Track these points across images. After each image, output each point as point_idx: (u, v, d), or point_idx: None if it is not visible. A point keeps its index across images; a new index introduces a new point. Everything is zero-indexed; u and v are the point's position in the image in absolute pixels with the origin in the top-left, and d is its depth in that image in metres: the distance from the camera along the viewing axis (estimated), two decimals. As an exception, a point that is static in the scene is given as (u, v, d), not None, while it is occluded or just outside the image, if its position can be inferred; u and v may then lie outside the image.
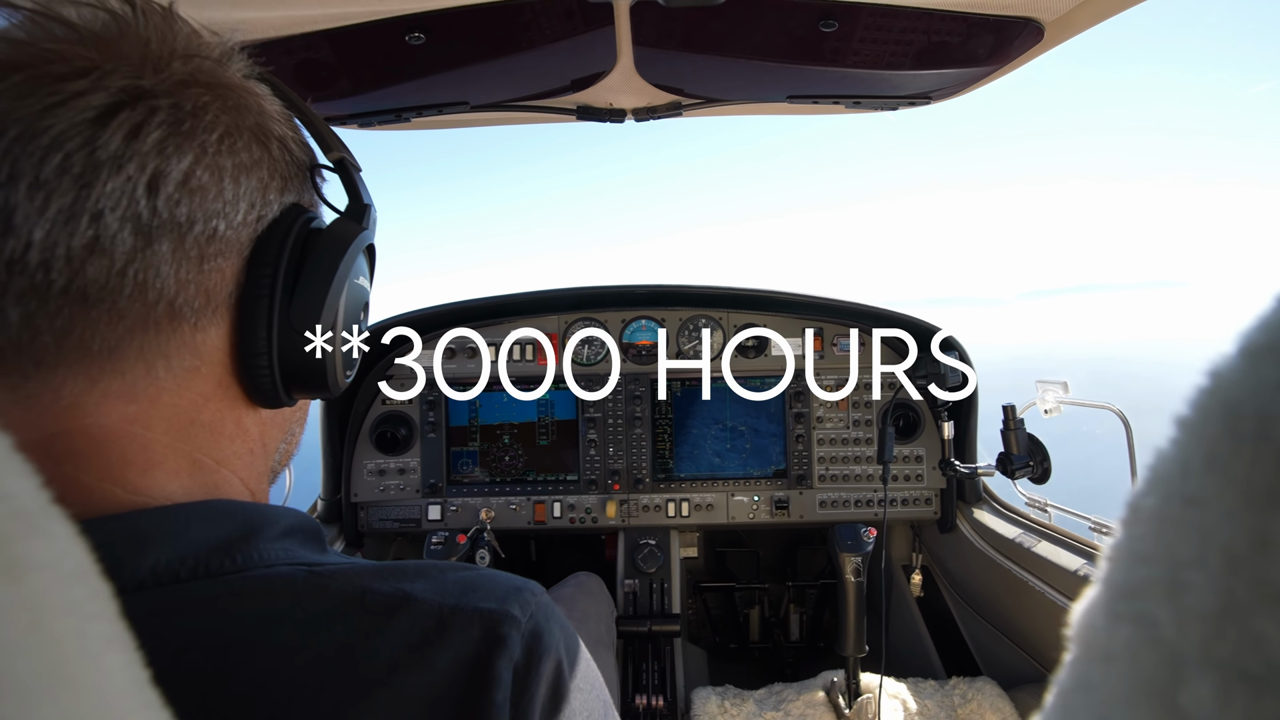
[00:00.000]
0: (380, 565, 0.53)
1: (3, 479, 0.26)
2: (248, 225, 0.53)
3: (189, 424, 0.52)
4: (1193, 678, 0.20)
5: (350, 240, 0.59)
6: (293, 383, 0.57)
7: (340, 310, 0.58)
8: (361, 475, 2.12)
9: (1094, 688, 0.24)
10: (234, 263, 0.52)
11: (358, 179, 0.63)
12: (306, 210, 0.58)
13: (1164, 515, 0.22)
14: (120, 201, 0.45)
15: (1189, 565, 0.21)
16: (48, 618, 0.25)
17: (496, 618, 0.50)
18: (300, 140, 0.59)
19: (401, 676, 0.46)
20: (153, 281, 0.47)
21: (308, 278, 0.56)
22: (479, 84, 1.49)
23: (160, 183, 0.46)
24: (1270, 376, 0.20)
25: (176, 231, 0.48)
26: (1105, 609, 0.24)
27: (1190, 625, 0.20)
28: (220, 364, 0.54)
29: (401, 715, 0.45)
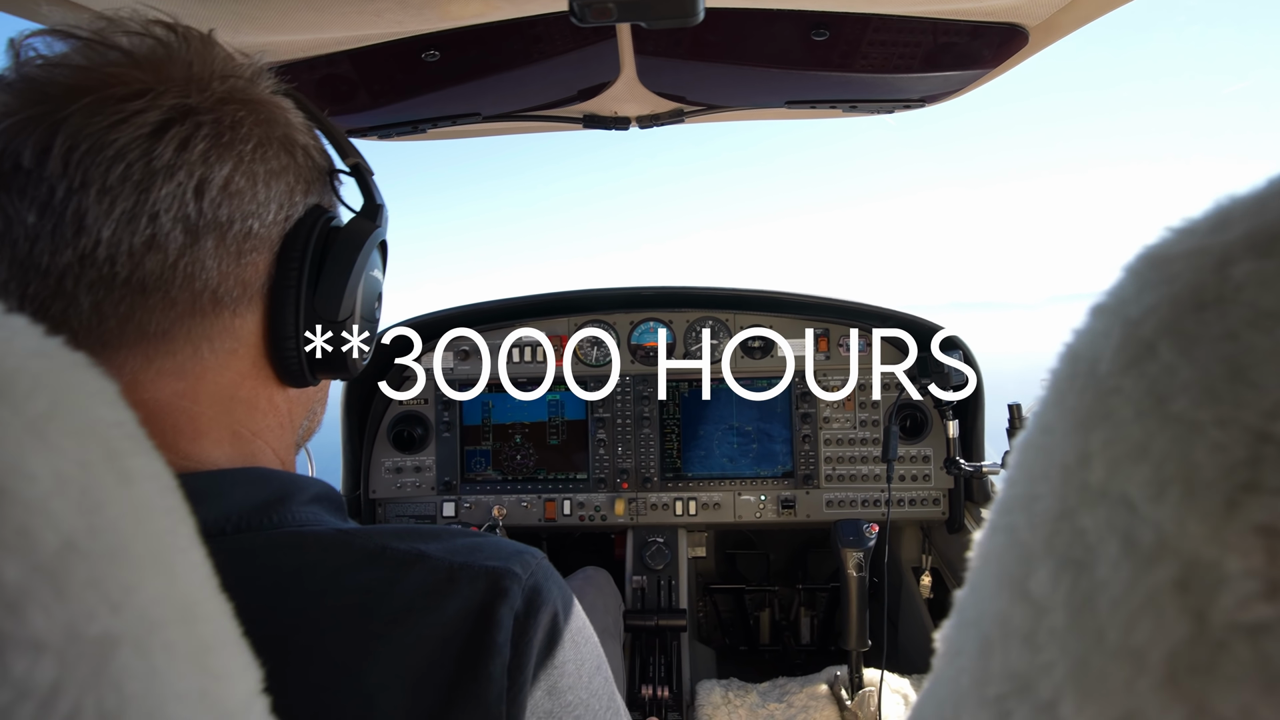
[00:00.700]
0: (398, 527, 0.60)
1: (117, 409, 0.32)
2: (277, 224, 0.60)
3: (229, 399, 0.60)
4: (1037, 568, 0.25)
5: (366, 237, 0.66)
6: (317, 364, 0.65)
7: (358, 299, 0.66)
8: (379, 473, 2.20)
9: (976, 588, 0.29)
10: (266, 257, 0.60)
11: (371, 182, 0.71)
12: (327, 210, 0.66)
13: (1029, 444, 0.28)
14: (173, 204, 0.53)
15: (1039, 479, 0.26)
16: (152, 517, 0.31)
17: (500, 573, 0.57)
18: (320, 148, 0.67)
19: (416, 619, 0.53)
20: (199, 273, 0.55)
21: (329, 270, 0.64)
22: (490, 96, 1.57)
23: (205, 188, 0.54)
24: (1098, 327, 0.26)
25: (219, 230, 0.56)
26: (987, 525, 0.30)
27: (1038, 527, 0.25)
28: (255, 346, 0.62)
29: (416, 650, 0.52)
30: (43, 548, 0.25)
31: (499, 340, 2.21)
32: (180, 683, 0.29)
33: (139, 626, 0.28)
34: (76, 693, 0.25)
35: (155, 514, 0.31)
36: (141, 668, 0.27)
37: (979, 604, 0.29)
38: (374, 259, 0.69)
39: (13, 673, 0.24)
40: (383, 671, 0.51)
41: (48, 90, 0.51)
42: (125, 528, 0.29)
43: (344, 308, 0.64)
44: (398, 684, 0.51)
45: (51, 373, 0.29)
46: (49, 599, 0.25)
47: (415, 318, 2.14)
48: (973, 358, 1.99)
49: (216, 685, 0.31)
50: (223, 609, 0.34)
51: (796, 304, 2.17)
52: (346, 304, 0.65)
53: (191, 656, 0.30)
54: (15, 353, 0.28)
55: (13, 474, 0.25)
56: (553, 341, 2.22)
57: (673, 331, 2.22)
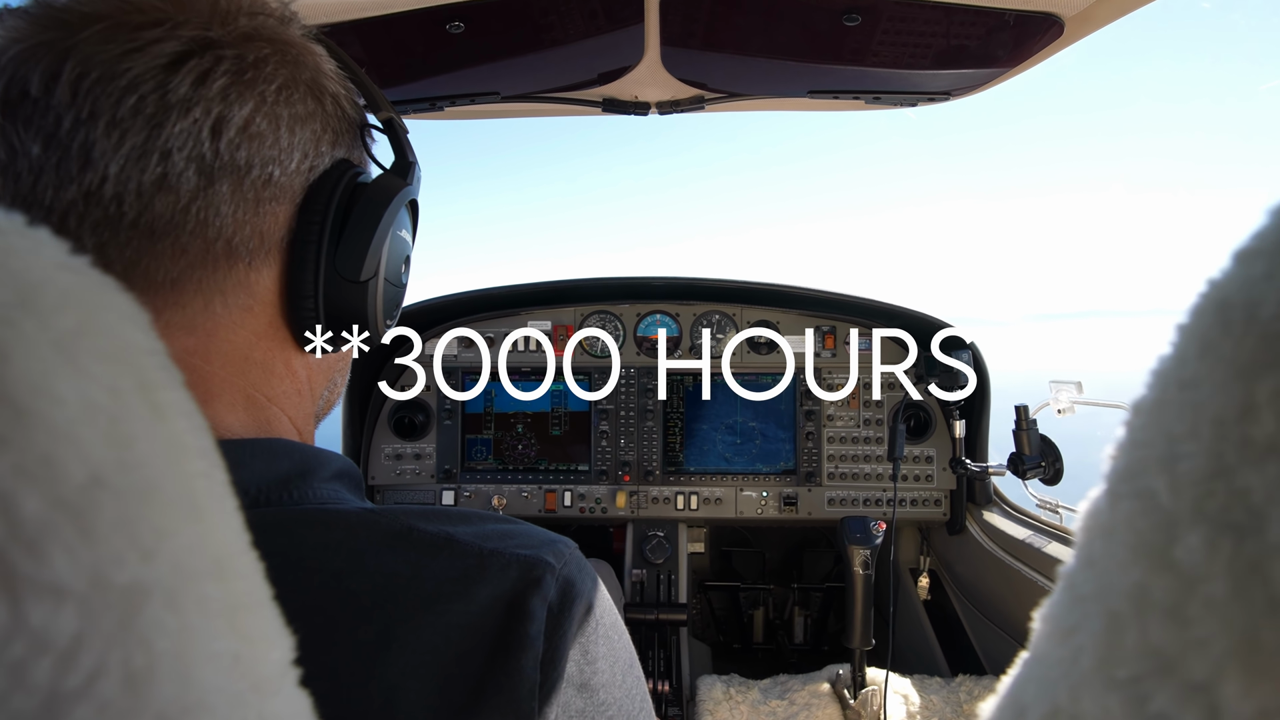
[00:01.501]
0: (425, 508, 0.56)
1: (150, 337, 0.29)
2: (300, 174, 0.56)
3: (243, 360, 0.56)
4: (1184, 534, 0.22)
5: (395, 193, 0.62)
6: (342, 327, 0.61)
7: (383, 259, 0.62)
8: (379, 459, 2.16)
9: (1096, 561, 0.27)
10: (287, 208, 0.56)
11: (405, 139, 0.67)
12: (355, 165, 0.62)
13: (1161, 402, 0.26)
14: (187, 142, 0.49)
15: (1183, 438, 0.24)
16: (186, 457, 0.28)
17: (532, 562, 0.53)
18: (352, 101, 0.63)
19: (444, 605, 0.50)
20: (213, 220, 0.51)
21: (353, 225, 0.59)
22: (511, 75, 1.54)
23: (223, 127, 0.50)
24: (1256, 271, 0.24)
25: (236, 174, 0.51)
26: (1107, 494, 0.27)
27: (1183, 489, 0.23)
28: (271, 304, 0.57)
29: (443, 639, 0.49)
30: (68, 480, 0.23)
31: (504, 329, 2.18)
32: (213, 643, 0.26)
33: (172, 577, 0.25)
34: (101, 647, 0.22)
35: (189, 455, 0.28)
36: (173, 623, 0.25)
37: (1101, 577, 0.26)
38: (402, 219, 0.65)
39: (30, 621, 0.21)
40: (407, 660, 0.48)
41: (63, 16, 0.48)
42: (158, 466, 0.26)
43: (367, 267, 0.60)
44: (423, 674, 0.48)
45: (81, 289, 0.26)
46: (73, 539, 0.22)
47: (420, 302, 2.10)
48: (980, 357, 1.99)
49: (250, 649, 0.28)
50: (256, 567, 0.31)
51: (804, 298, 2.16)
52: (370, 263, 0.60)
53: (225, 615, 0.27)
54: (41, 264, 0.25)
55: (38, 394, 0.23)
56: (558, 331, 2.20)
57: (678, 325, 2.20)
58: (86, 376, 0.24)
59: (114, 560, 0.23)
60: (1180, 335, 0.26)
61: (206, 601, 0.27)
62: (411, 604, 0.49)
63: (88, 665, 0.22)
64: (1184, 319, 0.26)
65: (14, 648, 0.21)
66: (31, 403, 0.22)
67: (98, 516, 0.23)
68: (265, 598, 0.31)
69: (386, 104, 0.65)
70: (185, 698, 0.25)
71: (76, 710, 0.22)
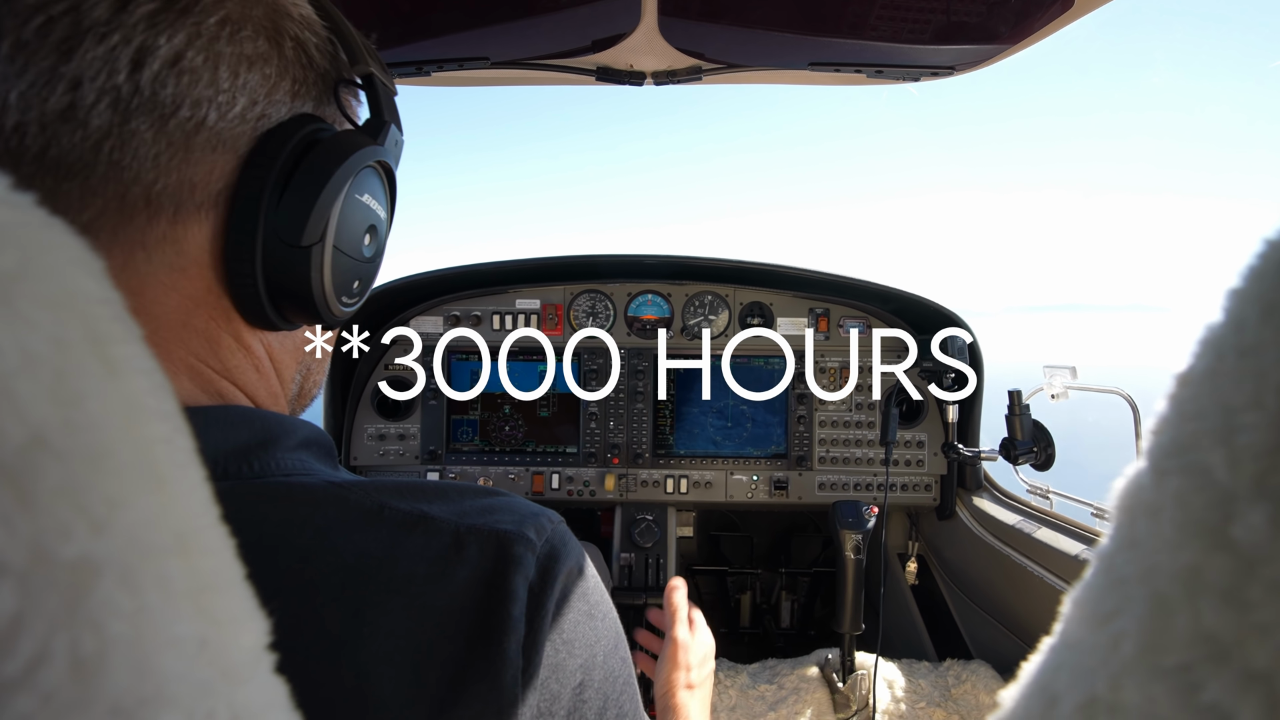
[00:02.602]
0: (399, 483, 0.52)
1: (103, 285, 0.26)
2: (247, 122, 0.50)
3: (180, 327, 0.50)
4: (1245, 511, 0.20)
5: (352, 150, 0.54)
6: (281, 299, 0.54)
7: (332, 223, 0.54)
8: (361, 440, 2.11)
9: (1140, 542, 0.25)
10: (228, 160, 0.50)
11: (384, 96, 0.60)
12: (323, 122, 0.55)
13: (1217, 371, 0.23)
14: (100, 72, 0.44)
15: (1244, 409, 0.22)
16: (143, 419, 0.25)
17: (512, 538, 0.50)
18: (327, 50, 0.57)
19: (420, 587, 0.46)
20: (129, 162, 0.46)
21: (298, 182, 0.52)
22: (501, 40, 1.48)
23: (146, 59, 0.45)
24: None
25: (158, 113, 0.46)
26: (1151, 470, 0.25)
27: (1243, 464, 0.21)
28: (208, 267, 0.51)
29: (420, 623, 0.45)
30: (4, 441, 0.20)
31: (490, 307, 2.14)
32: (176, 626, 0.24)
33: (127, 552, 0.22)
34: (44, 630, 0.20)
35: (148, 417, 0.25)
36: (128, 604, 0.22)
37: (1146, 558, 0.24)
38: (367, 182, 0.57)
39: None
40: (379, 646, 0.44)
41: None
42: (111, 428, 0.23)
43: (310, 229, 0.52)
44: (397, 660, 0.44)
45: (22, 227, 0.23)
46: (10, 507, 0.20)
47: (406, 278, 2.04)
48: (975, 343, 1.97)
49: (218, 633, 0.26)
50: (226, 543, 0.28)
51: (798, 279, 2.13)
52: (314, 225, 0.52)
53: (190, 596, 0.25)
54: None
55: None
56: (547, 310, 2.15)
57: (670, 305, 2.16)
58: (26, 324, 0.21)
59: (58, 532, 0.21)
60: (1235, 300, 0.23)
61: (168, 580, 0.24)
62: (384, 586, 0.45)
63: (28, 650, 0.20)
64: (1239, 282, 0.24)
65: None
66: None
67: (39, 482, 0.20)
68: (236, 577, 0.28)
69: (367, 57, 0.58)
70: (142, 687, 0.22)
71: (16, 701, 0.20)
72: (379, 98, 0.59)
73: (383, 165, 0.59)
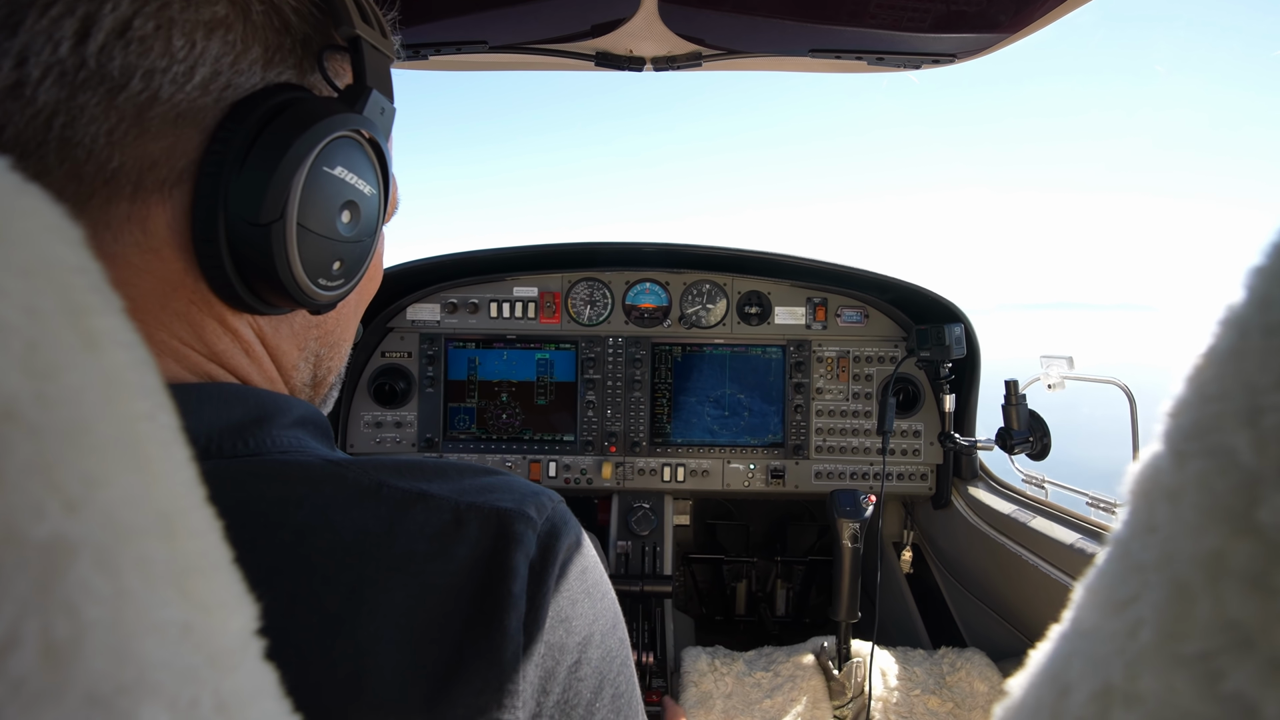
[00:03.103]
0: (396, 460, 0.51)
1: (80, 253, 0.25)
2: (209, 94, 0.47)
3: (159, 309, 0.49)
4: (1271, 494, 0.20)
5: (319, 118, 0.50)
6: (252, 281, 0.51)
7: (293, 199, 0.50)
8: (358, 427, 2.10)
9: (1158, 527, 0.24)
10: (192, 135, 0.47)
11: (370, 60, 0.55)
12: (302, 90, 0.52)
13: (1241, 350, 0.23)
14: (44, 47, 0.42)
15: (1270, 389, 0.21)
16: (125, 395, 0.24)
17: (512, 516, 0.49)
18: (309, 13, 0.53)
19: (420, 565, 0.45)
20: (80, 139, 0.44)
21: (255, 156, 0.48)
22: (500, 23, 1.46)
23: (91, 29, 0.43)
24: None
25: (107, 86, 0.44)
26: (1170, 453, 0.24)
27: (1270, 446, 0.20)
28: (179, 248, 0.49)
29: (421, 601, 0.45)
30: None
31: (488, 295, 2.13)
32: (158, 611, 0.23)
33: (104, 533, 0.22)
34: (14, 614, 0.19)
35: (129, 392, 0.24)
36: (106, 588, 0.21)
37: (1166, 543, 0.23)
38: (341, 153, 0.53)
39: None
40: (378, 625, 0.43)
41: None
42: (89, 403, 0.22)
43: (268, 206, 0.48)
44: (396, 637, 0.43)
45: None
46: None
47: (403, 264, 2.03)
48: (973, 333, 1.98)
49: (204, 618, 0.25)
50: (211, 524, 0.27)
51: (796, 268, 2.13)
52: (272, 200, 0.48)
53: (173, 579, 0.24)
54: None
55: None
56: (544, 298, 2.14)
57: (668, 293, 2.16)
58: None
59: (29, 510, 0.20)
60: (1259, 277, 0.23)
61: (149, 563, 0.23)
62: (383, 564, 0.45)
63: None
64: (1261, 260, 0.23)
65: None
66: None
67: (7, 457, 0.20)
68: (223, 559, 0.27)
69: (355, 19, 0.53)
70: (121, 674, 0.21)
71: None
72: (363, 62, 0.55)
73: (363, 135, 0.55)
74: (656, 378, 2.16)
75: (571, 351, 2.15)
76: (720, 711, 1.65)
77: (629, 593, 1.93)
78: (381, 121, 0.56)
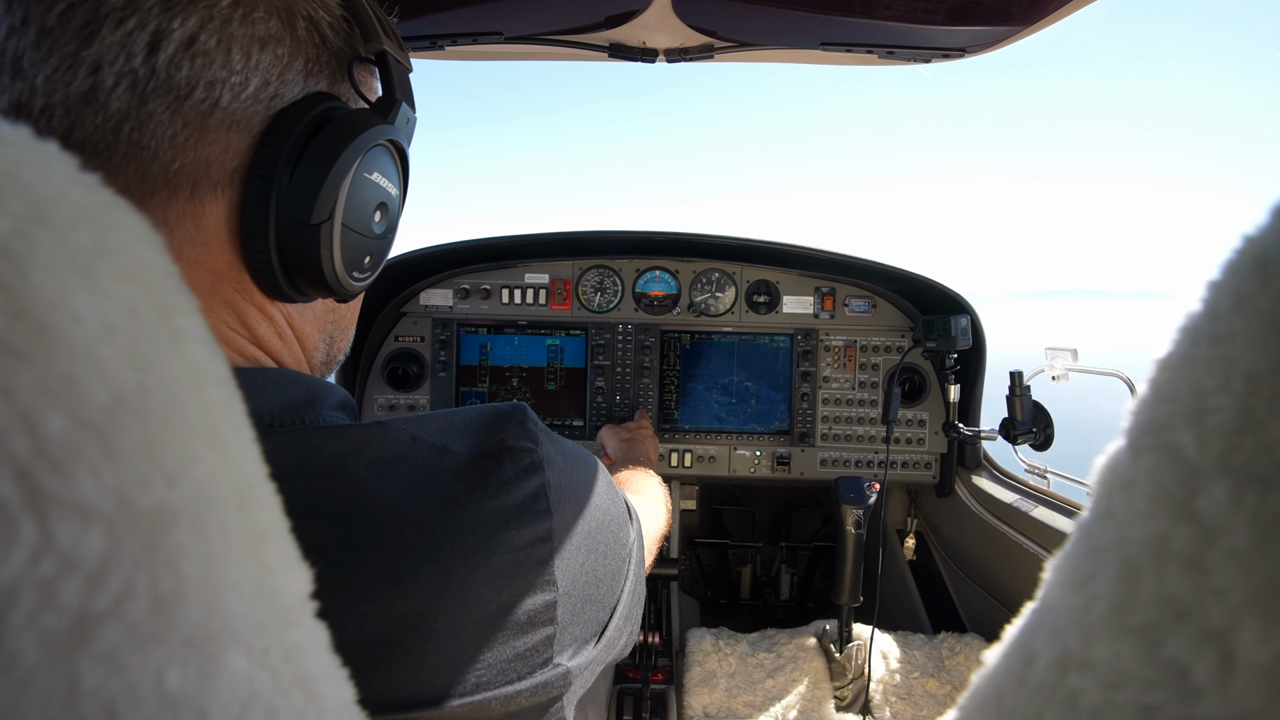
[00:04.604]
0: (416, 416, 0.58)
1: (165, 259, 0.28)
2: (260, 101, 0.52)
3: (209, 298, 0.54)
4: (1209, 486, 0.22)
5: (362, 129, 0.55)
6: (295, 274, 0.56)
7: (341, 202, 0.56)
8: (372, 410, 2.15)
9: (1115, 513, 0.27)
10: (242, 138, 0.52)
11: (396, 75, 0.61)
12: (337, 100, 0.57)
13: (1191, 357, 0.25)
14: (119, 56, 0.46)
15: (1213, 393, 0.23)
16: (206, 384, 0.27)
17: (519, 451, 0.57)
18: (341, 27, 0.58)
19: (464, 498, 0.53)
20: (147, 142, 0.48)
21: (308, 161, 0.53)
22: (515, 14, 1.48)
23: (162, 42, 0.47)
24: None
25: (174, 95, 0.48)
26: (1129, 448, 0.27)
27: (1210, 443, 0.23)
28: (228, 242, 0.54)
29: (472, 528, 0.52)
30: (91, 401, 0.22)
31: (499, 281, 2.16)
32: (236, 571, 0.26)
33: (195, 503, 0.25)
34: (129, 569, 0.22)
35: (209, 381, 0.28)
36: (198, 549, 0.25)
37: (1120, 528, 0.26)
38: (377, 160, 0.59)
39: (58, 540, 0.21)
40: (450, 547, 0.51)
41: None
42: (178, 391, 0.25)
43: (319, 208, 0.54)
44: (449, 573, 0.50)
45: (95, 207, 0.25)
46: (98, 460, 0.22)
47: (416, 250, 2.06)
48: (978, 323, 1.99)
49: (271, 579, 0.28)
50: (275, 498, 0.31)
51: (805, 258, 2.15)
52: (323, 204, 0.54)
53: (247, 545, 0.27)
54: (52, 179, 0.24)
55: (57, 311, 0.22)
56: (555, 285, 2.17)
57: (678, 281, 2.19)
58: (105, 296, 0.24)
59: (138, 483, 0.23)
60: (1213, 291, 0.25)
61: (229, 529, 0.26)
62: (435, 501, 0.52)
63: (115, 587, 0.22)
64: (1217, 275, 0.25)
65: (43, 566, 0.21)
66: (51, 319, 0.22)
67: (121, 438, 0.23)
68: (284, 529, 0.31)
69: (380, 35, 0.59)
70: (211, 623, 0.25)
71: (105, 631, 0.22)
72: (391, 75, 0.60)
73: (394, 143, 0.61)
74: (665, 364, 2.19)
75: (581, 338, 2.18)
76: (724, 690, 1.70)
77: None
78: (407, 130, 0.62)
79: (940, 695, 1.69)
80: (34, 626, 0.21)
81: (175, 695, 0.23)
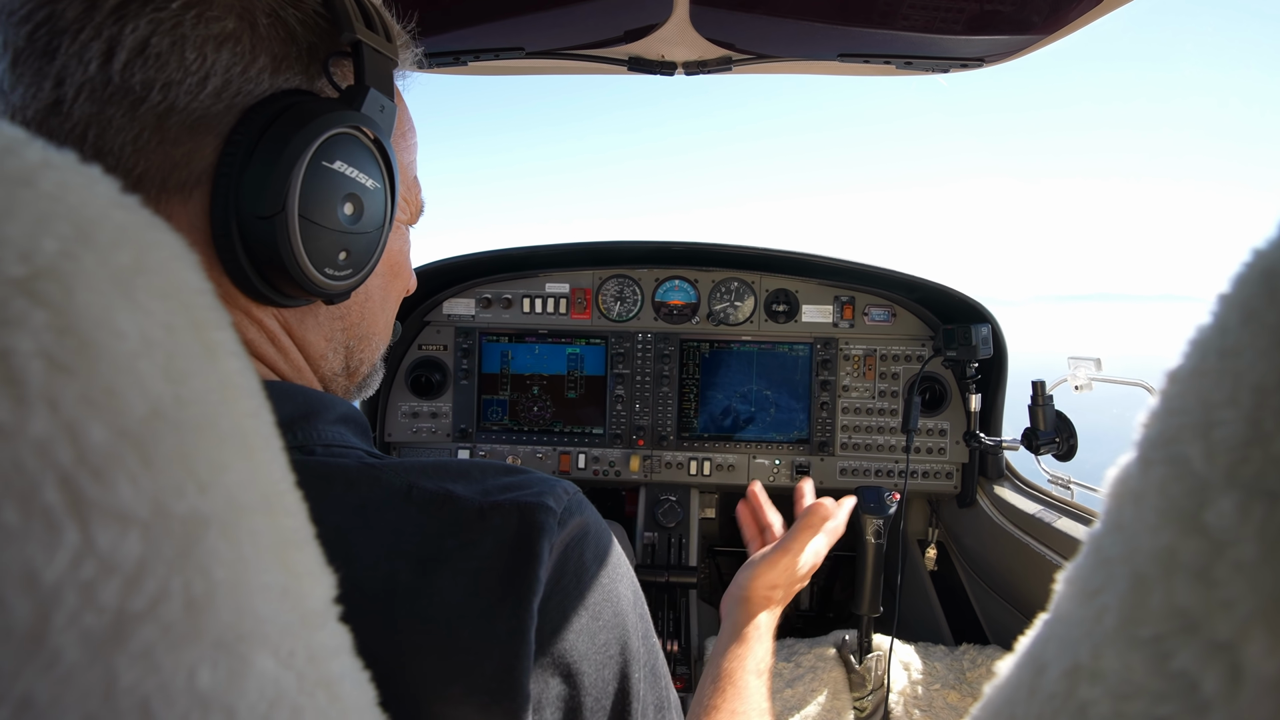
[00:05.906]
0: (426, 463, 0.56)
1: (199, 277, 0.29)
2: (222, 101, 0.51)
3: None
4: (1217, 498, 0.23)
5: (315, 116, 0.53)
6: (265, 272, 0.54)
7: (293, 191, 0.52)
8: (396, 417, 2.18)
9: (1125, 525, 0.27)
10: (210, 139, 0.51)
11: (370, 63, 0.57)
12: (309, 95, 0.55)
13: (1200, 370, 0.25)
14: (77, 68, 0.48)
15: (1221, 406, 0.24)
16: (237, 396, 0.29)
17: (533, 507, 0.53)
18: (316, 24, 0.56)
19: (446, 563, 0.50)
20: (110, 148, 0.49)
21: (259, 152, 0.52)
22: (536, 30, 1.51)
23: (115, 49, 0.48)
24: None
25: (130, 100, 0.49)
26: (1139, 460, 0.27)
27: (1218, 456, 0.23)
28: (202, 245, 0.53)
29: (450, 587, 0.49)
30: (130, 412, 0.23)
31: (521, 291, 2.19)
32: (265, 575, 0.28)
33: (227, 510, 0.26)
34: (164, 573, 0.24)
35: (240, 394, 0.29)
36: (229, 554, 0.26)
37: (1129, 540, 0.26)
38: (340, 149, 0.55)
39: (98, 544, 0.22)
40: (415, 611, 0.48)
41: None
42: (211, 403, 0.27)
43: (270, 199, 0.51)
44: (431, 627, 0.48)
45: (135, 227, 0.27)
46: (137, 468, 0.23)
47: (439, 261, 2.10)
48: (999, 332, 1.98)
49: (297, 584, 0.30)
50: (300, 506, 0.32)
51: (824, 268, 2.15)
52: (274, 194, 0.51)
53: (275, 550, 0.29)
54: (96, 201, 0.26)
55: (100, 327, 0.23)
56: (576, 294, 2.20)
57: (697, 291, 2.20)
58: (144, 312, 0.25)
59: (174, 490, 0.24)
60: (1222, 304, 0.25)
61: (258, 535, 0.28)
62: (416, 560, 0.50)
63: (151, 589, 0.23)
64: (1226, 289, 0.26)
65: (85, 568, 0.22)
66: (95, 335, 0.23)
67: (158, 448, 0.24)
68: (309, 536, 0.32)
69: (357, 25, 0.56)
70: (241, 625, 0.26)
71: (141, 630, 0.23)
72: (363, 63, 0.58)
73: (363, 131, 0.58)
74: (684, 373, 2.20)
75: (601, 346, 2.20)
76: (742, 699, 1.69)
77: (654, 583, 1.98)
78: (382, 119, 0.59)
79: (961, 708, 1.67)
80: (75, 626, 0.22)
81: (206, 693, 0.25)
